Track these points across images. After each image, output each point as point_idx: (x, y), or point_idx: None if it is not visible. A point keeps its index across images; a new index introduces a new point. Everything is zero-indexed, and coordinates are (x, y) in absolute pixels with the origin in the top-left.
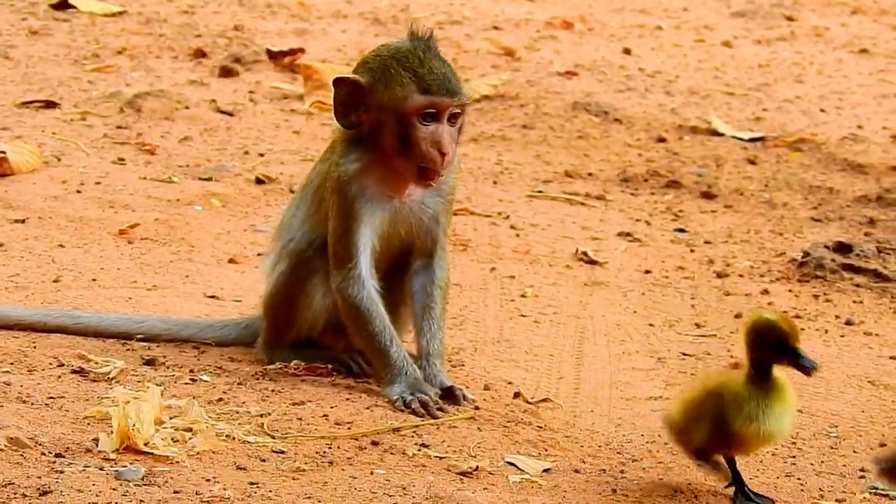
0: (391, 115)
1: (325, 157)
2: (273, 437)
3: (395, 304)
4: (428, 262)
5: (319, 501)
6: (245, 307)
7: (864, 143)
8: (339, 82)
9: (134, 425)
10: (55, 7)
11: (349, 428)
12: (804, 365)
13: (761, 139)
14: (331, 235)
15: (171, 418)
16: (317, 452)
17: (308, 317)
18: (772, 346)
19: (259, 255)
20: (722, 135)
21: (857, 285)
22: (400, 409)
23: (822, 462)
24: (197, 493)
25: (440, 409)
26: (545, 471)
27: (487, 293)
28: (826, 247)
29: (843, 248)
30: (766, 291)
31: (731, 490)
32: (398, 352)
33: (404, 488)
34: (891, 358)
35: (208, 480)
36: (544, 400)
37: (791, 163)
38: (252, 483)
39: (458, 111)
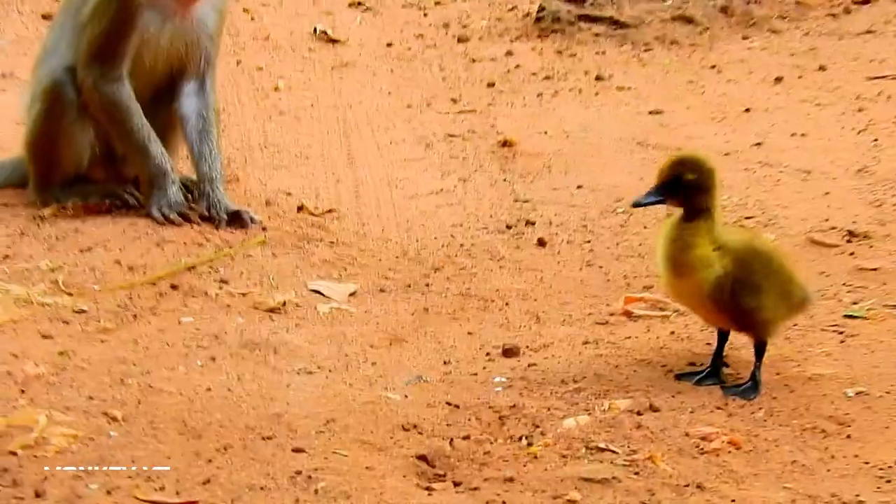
0: None
1: None
2: (70, 295)
3: (164, 130)
4: (200, 84)
5: (134, 364)
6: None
7: None
8: None
9: None
10: None
11: (144, 272)
12: None
13: None
14: (94, 36)
15: None
16: (119, 306)
17: (72, 155)
18: None
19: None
20: None
21: (597, 35)
22: (160, 222)
23: (618, 245)
24: (9, 374)
25: (202, 217)
26: (351, 295)
27: (240, 89)
28: None
29: None
30: (510, 53)
31: None
32: (157, 146)
33: (216, 337)
34: (650, 113)
35: (17, 357)
36: (329, 211)
37: None
38: (62, 353)
39: None
